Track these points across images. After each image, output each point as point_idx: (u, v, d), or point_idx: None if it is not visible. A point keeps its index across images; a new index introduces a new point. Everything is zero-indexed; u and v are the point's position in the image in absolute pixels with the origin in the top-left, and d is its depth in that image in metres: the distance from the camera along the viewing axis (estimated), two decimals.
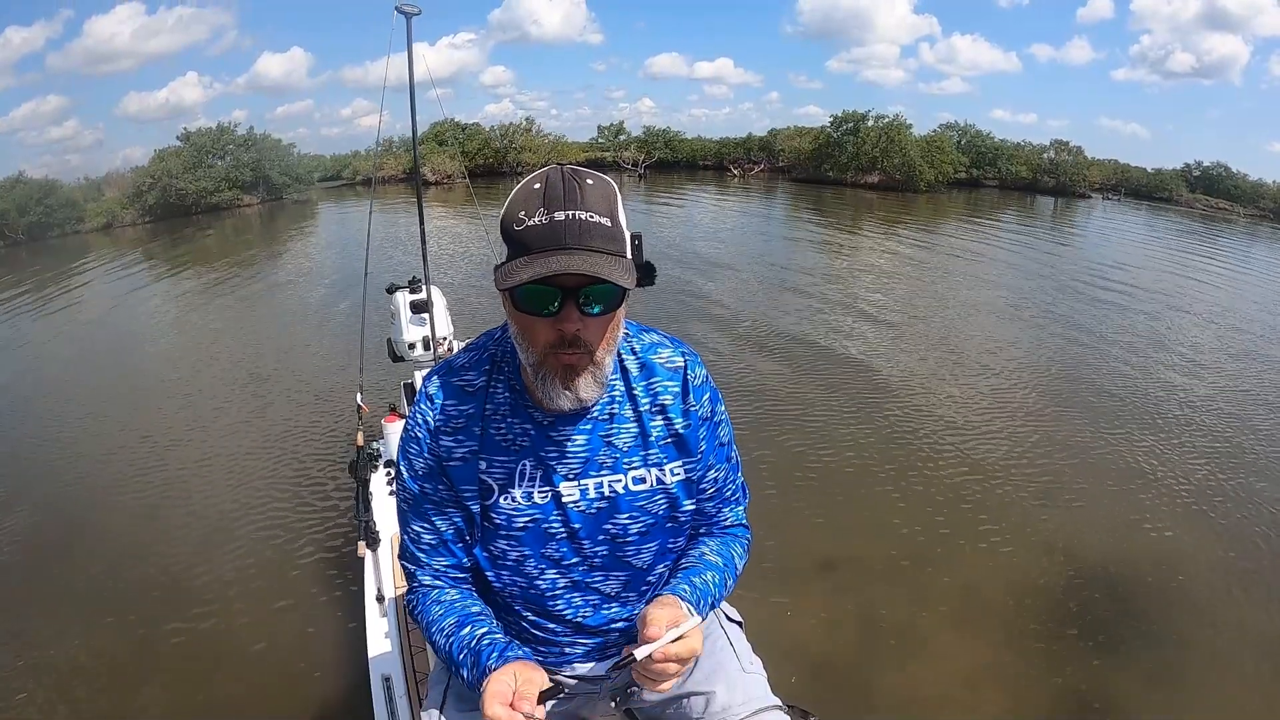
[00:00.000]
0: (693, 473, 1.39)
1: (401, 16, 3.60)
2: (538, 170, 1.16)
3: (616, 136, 38.63)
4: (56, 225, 21.51)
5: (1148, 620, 3.84)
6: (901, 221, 20.60)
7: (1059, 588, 4.10)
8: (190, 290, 12.64)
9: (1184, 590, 4.10)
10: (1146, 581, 4.17)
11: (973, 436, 6.02)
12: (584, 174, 1.13)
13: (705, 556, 1.43)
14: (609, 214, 1.12)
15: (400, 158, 29.51)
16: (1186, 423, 6.46)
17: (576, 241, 1.09)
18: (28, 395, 7.65)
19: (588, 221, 1.09)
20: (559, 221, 1.08)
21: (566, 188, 1.10)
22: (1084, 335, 9.23)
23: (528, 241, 1.10)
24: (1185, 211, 28.29)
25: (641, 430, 1.34)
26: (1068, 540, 4.54)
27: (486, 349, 1.36)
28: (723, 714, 1.40)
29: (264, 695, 3.35)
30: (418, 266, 4.21)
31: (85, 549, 4.58)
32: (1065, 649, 3.62)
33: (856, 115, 32.30)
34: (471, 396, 1.32)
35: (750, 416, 6.28)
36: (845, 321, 9.64)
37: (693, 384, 1.38)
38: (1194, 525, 4.77)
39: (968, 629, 3.76)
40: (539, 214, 1.09)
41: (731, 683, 1.45)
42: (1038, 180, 31.98)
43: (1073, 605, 3.95)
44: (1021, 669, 3.50)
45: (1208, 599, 4.02)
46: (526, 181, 1.15)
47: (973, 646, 3.63)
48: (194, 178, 24.43)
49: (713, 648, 1.51)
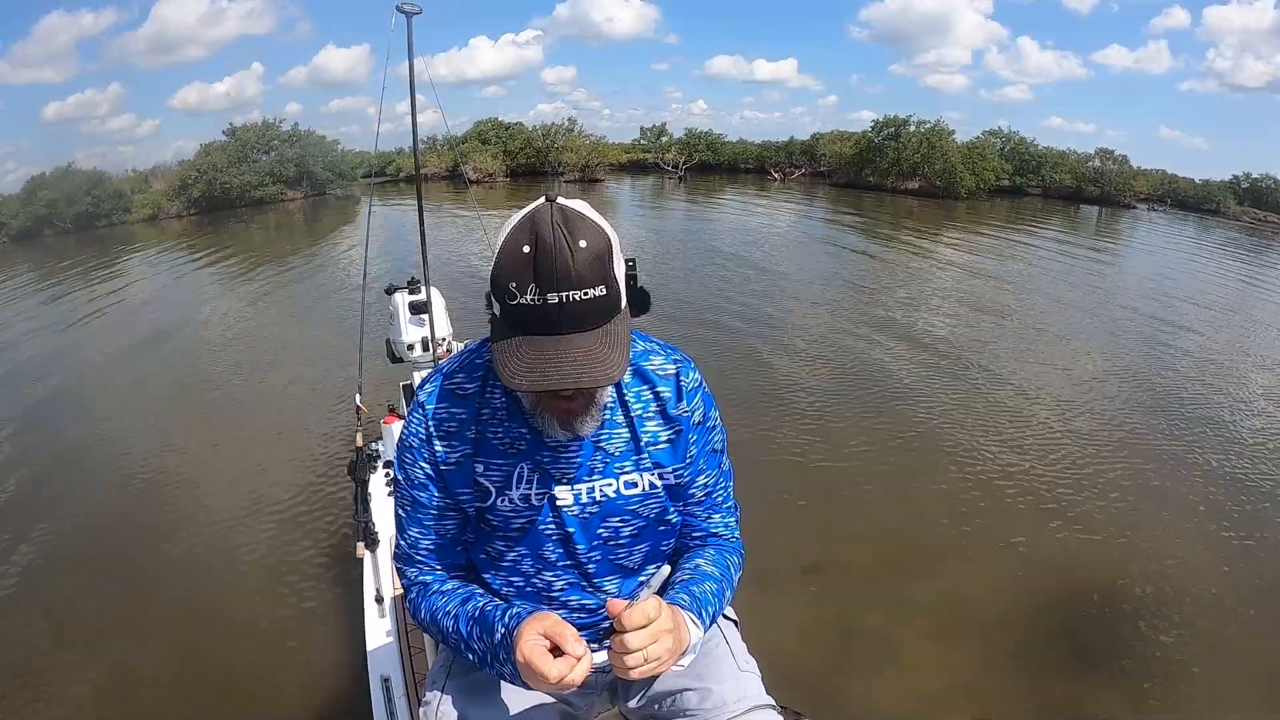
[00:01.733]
0: (682, 477, 1.42)
1: (402, 16, 3.58)
2: (527, 210, 1.13)
3: (659, 138, 38.52)
4: (104, 216, 22.07)
5: (1138, 640, 3.76)
6: (938, 228, 20.34)
7: (1053, 603, 4.04)
8: (214, 285, 13.01)
9: (1180, 612, 3.99)
10: (1140, 600, 4.09)
11: (986, 443, 5.96)
12: (576, 226, 1.09)
13: (701, 568, 1.44)
14: (602, 278, 1.11)
15: (443, 155, 29.75)
16: (1201, 439, 6.27)
17: (571, 325, 1.10)
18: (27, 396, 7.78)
19: (581, 302, 1.09)
20: (552, 306, 1.08)
21: (558, 255, 1.07)
22: (1106, 349, 9.02)
23: (521, 318, 1.11)
24: (1243, 226, 27.46)
25: (633, 435, 1.38)
26: (1065, 556, 4.47)
27: (481, 354, 1.38)
28: (716, 711, 1.42)
29: (263, 695, 3.39)
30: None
31: (77, 551, 4.64)
32: (1050, 664, 3.58)
33: (898, 120, 31.89)
34: (465, 400, 1.35)
35: (763, 406, 6.31)
36: (865, 329, 9.51)
37: (685, 389, 1.41)
38: (1199, 548, 4.64)
39: (955, 640, 3.73)
40: (531, 291, 1.08)
41: (726, 680, 1.47)
42: (1082, 189, 31.29)
43: (1063, 621, 3.90)
44: (1010, 682, 3.47)
45: (1205, 622, 3.91)
46: (515, 234, 1.11)
47: (959, 658, 3.60)
48: (238, 172, 24.86)
49: (709, 645, 1.53)
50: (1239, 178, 31.54)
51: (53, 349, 9.51)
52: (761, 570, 4.00)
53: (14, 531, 4.84)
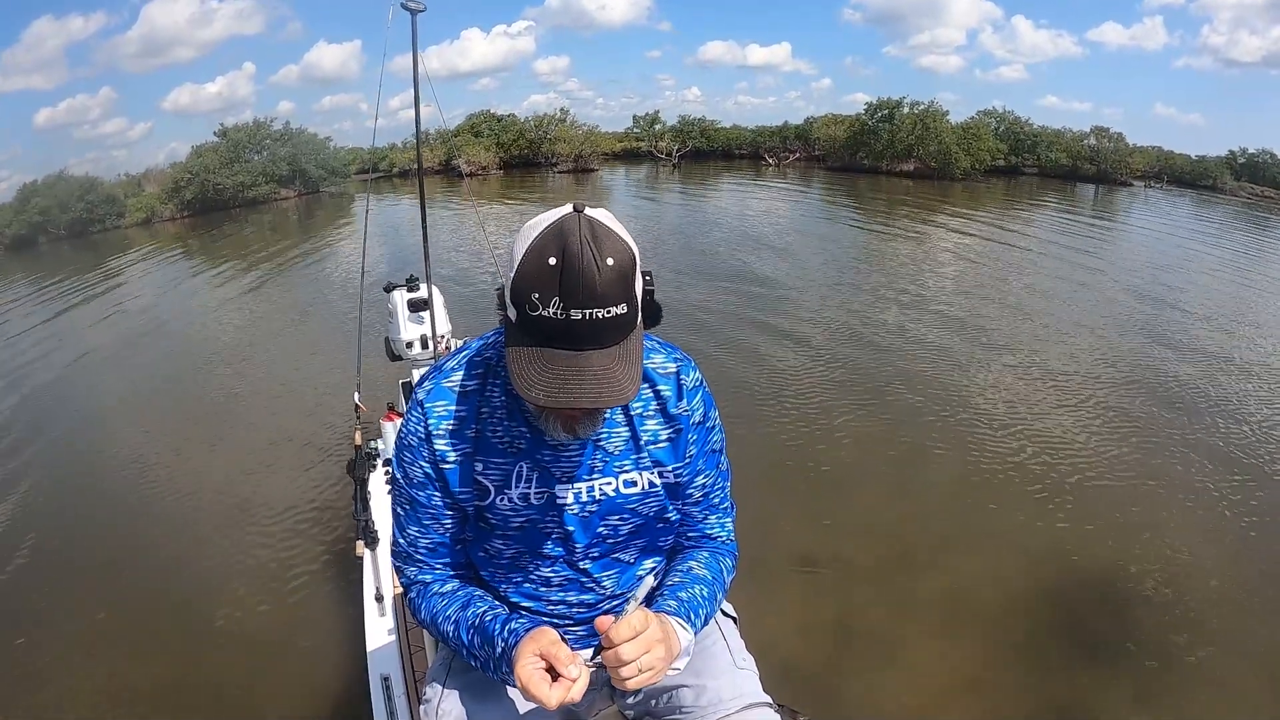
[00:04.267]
0: (681, 476, 1.43)
1: (406, 13, 3.56)
2: (554, 218, 1.10)
3: (651, 126, 38.44)
4: (97, 221, 22.07)
5: (1145, 635, 3.71)
6: (933, 209, 20.27)
7: (1057, 596, 4.00)
8: (209, 286, 12.94)
9: (1187, 606, 3.93)
10: (1147, 594, 4.03)
11: (986, 431, 5.93)
12: (603, 242, 1.07)
13: (694, 570, 1.46)
14: (625, 296, 1.10)
15: (436, 149, 29.76)
16: (1218, 429, 6.12)
17: (592, 342, 1.10)
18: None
19: (603, 320, 1.08)
20: (575, 322, 1.07)
21: (585, 272, 1.05)
22: (1117, 337, 8.85)
23: (540, 329, 1.10)
24: (1245, 201, 27.38)
25: (633, 434, 1.38)
26: (1071, 547, 4.43)
27: (481, 353, 1.38)
28: (712, 708, 1.43)
29: (263, 694, 3.38)
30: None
31: (76, 546, 4.64)
32: (1054, 658, 3.54)
33: (891, 102, 31.86)
34: (465, 399, 1.34)
35: (762, 395, 6.29)
36: (872, 310, 9.52)
37: (685, 388, 1.41)
38: (1208, 540, 4.55)
39: (957, 635, 3.69)
40: (554, 305, 1.07)
41: (723, 677, 1.48)
42: (1078, 167, 31.21)
43: (1067, 614, 3.86)
44: (1016, 676, 3.44)
45: (1214, 617, 3.84)
46: (541, 243, 1.08)
47: (961, 654, 3.56)
48: (231, 173, 24.82)
49: (706, 642, 1.54)
50: (1235, 153, 31.53)
51: (45, 350, 9.50)
52: (760, 565, 4.01)
53: (11, 532, 4.86)
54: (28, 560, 4.57)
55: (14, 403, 7.57)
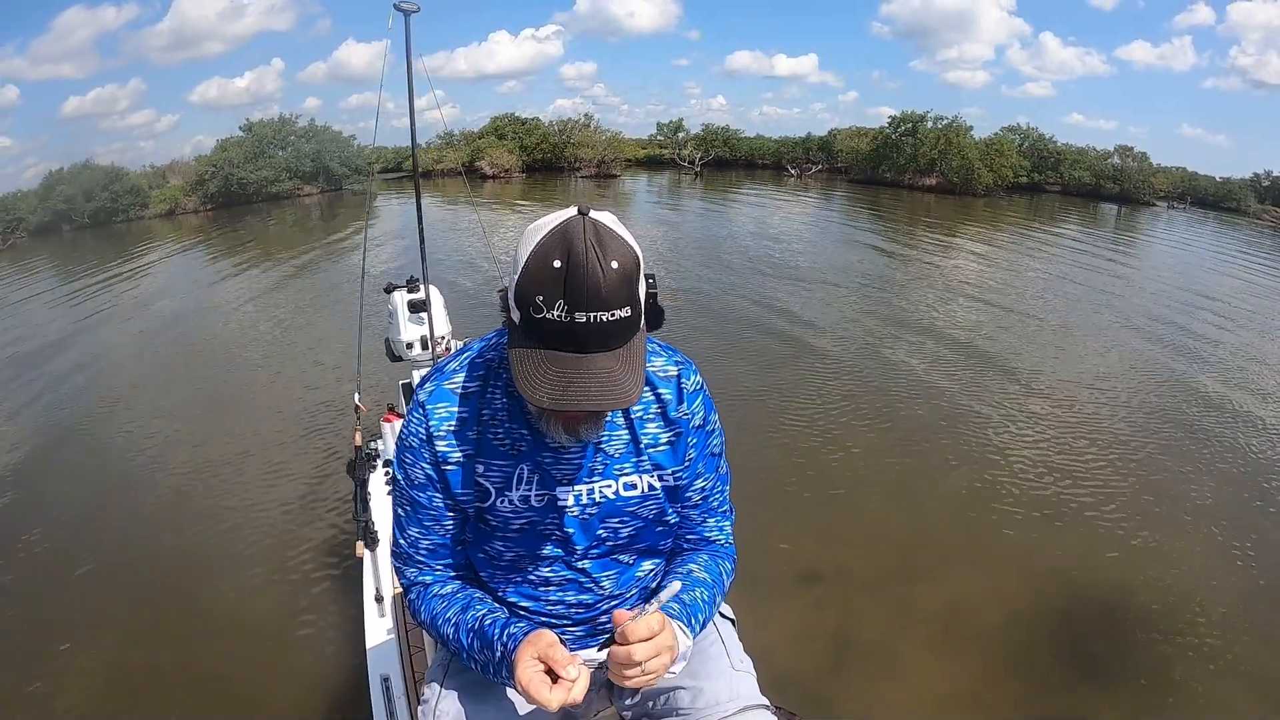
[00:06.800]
0: (681, 479, 1.42)
1: (400, 14, 3.55)
2: (559, 221, 1.10)
3: (675, 134, 38.51)
4: (121, 211, 22.31)
5: (1144, 655, 3.67)
6: (954, 225, 20.21)
7: (1056, 611, 3.97)
8: (225, 279, 13.09)
9: (1187, 623, 3.88)
10: (1146, 610, 3.99)
11: (994, 448, 5.89)
12: (608, 246, 1.07)
13: (694, 574, 1.45)
14: (629, 299, 1.10)
15: (459, 150, 29.86)
16: (1229, 454, 6.03)
17: (596, 345, 1.09)
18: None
19: (607, 323, 1.08)
20: (580, 325, 1.07)
21: (590, 275, 1.05)
22: (1132, 360, 8.74)
23: (544, 332, 1.10)
24: (1271, 224, 27.06)
25: (633, 437, 1.38)
26: (1073, 565, 4.39)
27: (482, 355, 1.37)
28: (710, 710, 1.42)
29: (263, 694, 3.38)
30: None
31: (78, 545, 4.64)
32: (1053, 673, 3.53)
33: (915, 116, 31.83)
34: (466, 401, 1.33)
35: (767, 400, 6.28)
36: (876, 327, 9.47)
37: (686, 391, 1.40)
38: (1209, 558, 4.50)
39: (955, 646, 3.68)
40: (559, 308, 1.07)
41: (720, 679, 1.47)
42: (1101, 186, 31.09)
43: (1068, 632, 3.82)
44: (1013, 691, 3.41)
45: (1212, 635, 3.80)
46: (545, 246, 1.08)
47: (959, 665, 3.54)
48: (254, 167, 25.09)
49: (704, 643, 1.53)
50: (1260, 175, 31.26)
51: (59, 341, 9.59)
52: (760, 570, 4.00)
53: (13, 526, 4.87)
54: (27, 557, 4.56)
55: (20, 389, 7.67)
